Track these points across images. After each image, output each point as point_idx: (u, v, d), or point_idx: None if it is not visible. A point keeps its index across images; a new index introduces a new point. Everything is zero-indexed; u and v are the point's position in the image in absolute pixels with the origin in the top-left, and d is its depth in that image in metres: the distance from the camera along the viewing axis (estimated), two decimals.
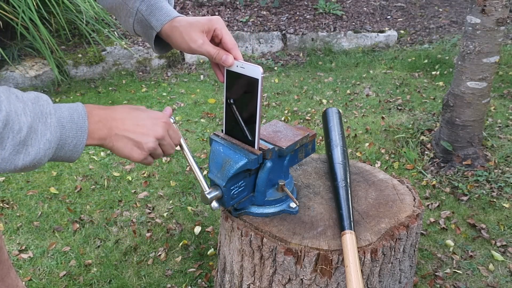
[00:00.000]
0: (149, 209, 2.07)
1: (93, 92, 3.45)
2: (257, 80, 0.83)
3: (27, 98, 0.63)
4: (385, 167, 2.39)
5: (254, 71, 0.83)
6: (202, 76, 3.83)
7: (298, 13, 4.78)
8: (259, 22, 4.52)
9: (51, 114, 0.63)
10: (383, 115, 3.00)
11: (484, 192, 2.12)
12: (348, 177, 1.07)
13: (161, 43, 0.92)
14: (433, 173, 2.32)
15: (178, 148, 0.86)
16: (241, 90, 0.88)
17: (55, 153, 0.65)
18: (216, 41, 0.88)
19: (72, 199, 2.16)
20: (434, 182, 2.21)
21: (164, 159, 2.50)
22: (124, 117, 0.74)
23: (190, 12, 4.52)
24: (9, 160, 0.60)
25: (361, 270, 0.88)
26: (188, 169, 2.41)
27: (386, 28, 4.63)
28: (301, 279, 0.94)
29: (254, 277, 1.01)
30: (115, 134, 0.72)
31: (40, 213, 2.05)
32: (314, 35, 4.41)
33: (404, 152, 2.47)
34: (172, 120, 0.84)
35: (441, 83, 3.50)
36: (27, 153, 0.61)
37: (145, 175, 2.35)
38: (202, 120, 3.02)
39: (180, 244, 1.85)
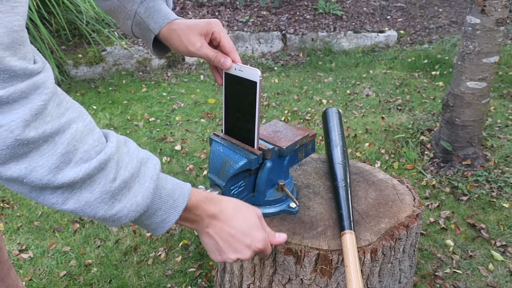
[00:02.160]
0: None
1: (93, 92, 3.45)
2: (255, 83, 0.83)
3: (137, 155, 0.62)
4: (385, 167, 2.40)
5: (253, 74, 0.83)
6: (202, 76, 3.83)
7: (298, 13, 4.78)
8: (259, 22, 4.52)
9: (152, 180, 0.62)
10: (383, 115, 3.00)
11: (484, 192, 2.12)
12: (348, 177, 1.07)
13: (160, 45, 0.92)
14: (433, 173, 2.32)
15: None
16: (240, 93, 0.88)
17: (139, 218, 0.63)
18: (214, 44, 0.88)
19: None
20: (434, 182, 2.21)
21: (164, 159, 2.50)
22: (227, 219, 0.71)
23: (190, 12, 4.52)
24: (92, 205, 0.58)
25: (361, 270, 0.88)
26: (188, 169, 2.41)
27: (386, 28, 4.63)
28: (301, 279, 0.95)
29: (254, 277, 1.01)
30: (206, 232, 0.71)
31: (40, 213, 2.05)
32: (314, 35, 4.41)
33: (404, 152, 2.47)
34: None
35: (441, 83, 3.51)
36: (111, 206, 0.59)
37: None
38: (202, 120, 3.02)
39: (180, 244, 1.85)
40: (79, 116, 0.57)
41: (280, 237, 0.79)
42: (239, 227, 0.71)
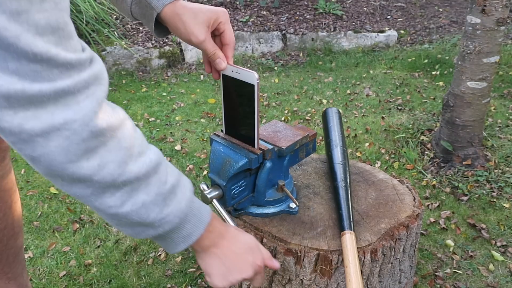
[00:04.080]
0: None
1: None
2: (253, 85, 0.83)
3: (172, 170, 0.63)
4: (385, 167, 2.39)
5: (250, 77, 0.83)
6: (202, 76, 3.83)
7: (298, 13, 4.78)
8: (259, 22, 4.52)
9: (190, 191, 0.64)
10: (383, 115, 3.00)
11: (484, 192, 2.12)
12: (348, 177, 1.07)
13: (160, 26, 0.87)
14: (433, 173, 2.31)
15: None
16: (238, 94, 0.88)
17: (170, 231, 0.62)
18: (216, 33, 0.86)
19: (72, 199, 2.16)
20: (434, 182, 2.21)
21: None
22: (233, 237, 0.73)
23: None
24: (148, 207, 0.59)
25: (361, 271, 0.88)
26: (188, 169, 2.41)
27: (386, 28, 4.63)
28: (301, 279, 0.94)
29: None
30: (214, 252, 0.71)
31: (40, 213, 2.05)
32: (314, 35, 4.41)
33: (404, 152, 2.47)
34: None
35: (441, 83, 3.50)
36: (162, 210, 0.60)
37: None
38: (202, 120, 3.02)
39: None
40: (124, 112, 0.59)
41: (274, 262, 0.81)
42: (243, 245, 0.73)
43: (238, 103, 0.89)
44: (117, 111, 0.57)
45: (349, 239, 0.89)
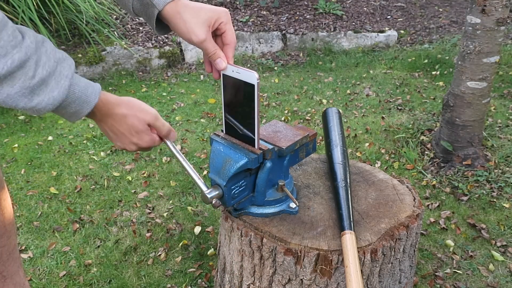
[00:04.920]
0: (149, 209, 2.07)
1: None
2: (253, 85, 0.83)
3: (54, 55, 0.70)
4: (385, 167, 2.39)
5: (250, 76, 0.83)
6: (202, 76, 3.83)
7: (298, 13, 4.78)
8: (259, 22, 4.52)
9: (67, 78, 0.71)
10: (383, 115, 3.00)
11: (484, 192, 2.12)
12: (348, 177, 1.07)
13: (161, 23, 0.87)
14: (433, 173, 2.31)
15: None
16: (238, 94, 0.88)
17: (56, 109, 0.73)
18: (217, 33, 0.86)
19: (72, 199, 2.16)
20: (434, 182, 2.21)
21: (164, 158, 2.50)
22: (119, 120, 0.81)
23: None
24: (14, 98, 0.66)
25: (361, 270, 0.88)
26: None
27: (386, 28, 4.63)
28: (301, 279, 0.94)
29: (254, 277, 1.01)
30: (101, 124, 0.83)
31: (40, 213, 2.05)
32: (314, 35, 4.41)
33: (404, 152, 2.47)
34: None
35: (441, 83, 3.50)
36: (31, 99, 0.68)
37: (145, 175, 2.35)
38: (202, 120, 3.02)
39: (180, 244, 1.85)
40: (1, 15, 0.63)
41: (169, 136, 0.89)
42: (128, 126, 0.82)
43: (238, 103, 0.89)
44: None
45: (349, 239, 0.89)
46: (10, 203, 1.09)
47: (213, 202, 0.91)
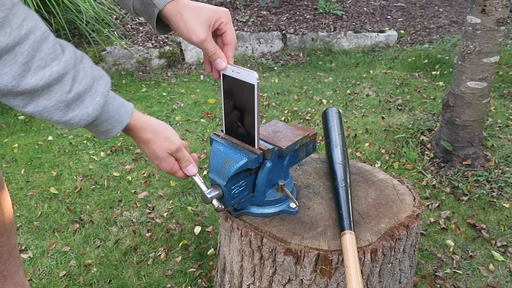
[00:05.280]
0: (149, 209, 2.07)
1: None
2: (253, 85, 0.83)
3: (91, 72, 0.71)
4: (385, 167, 2.39)
5: (250, 77, 0.83)
6: (202, 76, 3.83)
7: (298, 13, 4.78)
8: (259, 22, 4.52)
9: (102, 96, 0.72)
10: (383, 115, 3.00)
11: (484, 192, 2.12)
12: (348, 177, 1.07)
13: (162, 22, 0.87)
14: (433, 173, 2.31)
15: None
16: (238, 94, 0.88)
17: (88, 125, 0.74)
18: (218, 33, 0.86)
19: (72, 199, 2.16)
20: (434, 182, 2.21)
21: None
22: (148, 144, 0.84)
23: None
24: (49, 111, 0.68)
25: (361, 270, 0.88)
26: None
27: (386, 28, 4.63)
28: (301, 279, 0.94)
29: (254, 277, 1.01)
30: (138, 142, 0.85)
31: (40, 213, 2.05)
32: (314, 35, 4.41)
33: (404, 152, 2.47)
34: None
35: (441, 83, 3.50)
36: (65, 114, 0.69)
37: (145, 175, 2.35)
38: (202, 120, 3.02)
39: (180, 244, 1.85)
40: (36, 25, 0.63)
41: (188, 171, 0.90)
42: (148, 152, 0.86)
43: (238, 103, 0.89)
44: (23, 26, 0.61)
45: (349, 239, 0.89)
46: (10, 203, 1.09)
47: (216, 206, 0.91)
